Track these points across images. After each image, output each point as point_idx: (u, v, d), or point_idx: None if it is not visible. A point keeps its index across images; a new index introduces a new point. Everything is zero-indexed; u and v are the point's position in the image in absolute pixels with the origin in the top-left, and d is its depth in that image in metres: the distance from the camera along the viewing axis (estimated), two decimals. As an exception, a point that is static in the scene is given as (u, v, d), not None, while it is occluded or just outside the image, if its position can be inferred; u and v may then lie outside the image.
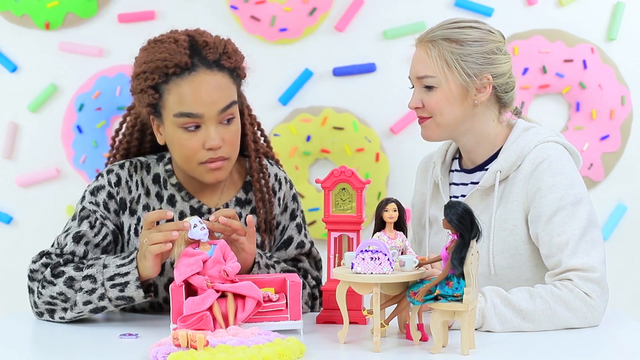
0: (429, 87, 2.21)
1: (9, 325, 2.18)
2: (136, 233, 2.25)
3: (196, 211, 2.27)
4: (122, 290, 2.07)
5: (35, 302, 2.16)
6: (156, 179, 2.29)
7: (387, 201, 1.97)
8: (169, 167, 2.29)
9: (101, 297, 2.09)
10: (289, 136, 3.04)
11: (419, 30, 3.03)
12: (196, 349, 1.80)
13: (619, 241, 3.05)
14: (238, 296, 1.99)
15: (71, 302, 2.12)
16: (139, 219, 2.25)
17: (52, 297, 2.13)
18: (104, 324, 2.17)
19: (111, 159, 2.36)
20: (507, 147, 2.23)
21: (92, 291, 2.09)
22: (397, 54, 3.06)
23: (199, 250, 2.00)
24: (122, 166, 2.28)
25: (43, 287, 2.13)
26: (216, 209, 2.26)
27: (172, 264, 2.04)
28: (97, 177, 2.28)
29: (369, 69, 3.06)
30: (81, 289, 2.10)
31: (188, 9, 3.05)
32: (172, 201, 2.27)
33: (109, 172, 2.27)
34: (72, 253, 2.18)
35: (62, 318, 2.14)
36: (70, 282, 2.11)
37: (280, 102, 3.07)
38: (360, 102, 3.07)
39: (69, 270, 2.13)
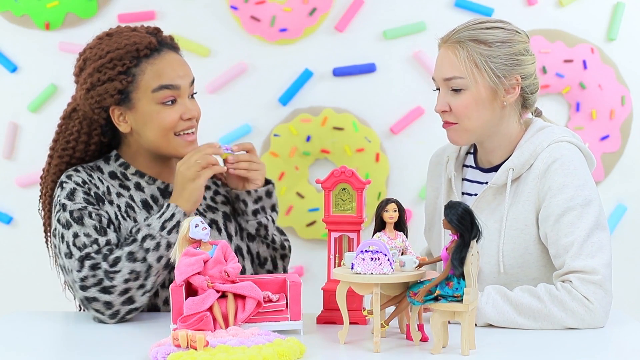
0: (456, 90, 2.20)
1: (9, 325, 2.18)
2: (123, 217, 2.28)
3: (164, 191, 2.35)
4: (178, 231, 2.14)
5: (107, 303, 2.15)
6: (113, 175, 2.34)
7: (387, 201, 1.97)
8: (121, 161, 2.35)
9: (168, 246, 2.18)
10: (289, 136, 3.04)
11: (419, 30, 3.03)
12: (196, 349, 1.80)
13: (619, 241, 3.05)
14: (238, 296, 1.99)
15: (143, 272, 2.16)
16: (118, 206, 2.29)
17: (125, 281, 2.15)
18: (104, 324, 2.17)
19: (50, 167, 2.36)
20: (520, 146, 2.22)
21: (157, 245, 2.17)
22: (397, 54, 3.06)
23: (200, 250, 2.00)
24: (76, 170, 2.30)
25: (111, 279, 2.14)
26: None
27: (172, 264, 2.05)
28: (61, 186, 2.26)
29: (369, 69, 3.06)
30: (147, 250, 2.16)
31: (188, 9, 3.05)
32: (139, 187, 2.33)
33: (69, 177, 2.28)
34: (109, 242, 2.20)
35: (145, 292, 2.18)
36: (131, 256, 2.16)
37: (280, 102, 3.07)
38: (360, 102, 3.07)
39: (122, 251, 2.16)
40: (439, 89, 2.24)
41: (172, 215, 2.20)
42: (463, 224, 1.79)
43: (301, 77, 3.06)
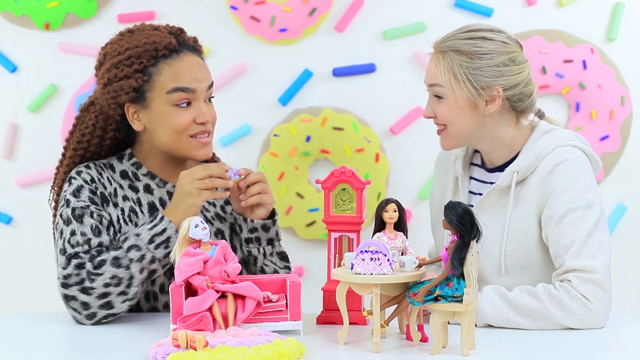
0: (438, 97, 2.22)
1: (9, 326, 2.18)
2: (125, 222, 2.27)
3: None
4: (167, 247, 2.15)
5: (84, 304, 2.14)
6: (124, 175, 2.33)
7: (387, 201, 1.97)
8: (134, 160, 2.34)
9: (152, 261, 2.16)
10: (289, 136, 3.04)
11: (419, 30, 3.03)
12: (196, 349, 1.80)
13: (619, 241, 3.05)
14: (238, 297, 1.99)
15: (125, 280, 2.14)
16: (122, 210, 2.28)
17: (105, 285, 2.14)
18: (103, 324, 2.17)
19: (64, 159, 2.35)
20: (526, 149, 2.23)
21: (142, 258, 2.15)
22: (397, 54, 3.06)
23: (200, 251, 2.00)
24: (87, 167, 2.30)
25: (91, 281, 2.14)
26: None
27: (172, 264, 2.05)
28: (69, 181, 2.27)
29: (368, 69, 3.06)
30: (131, 260, 2.14)
31: (188, 9, 3.05)
32: (148, 189, 2.32)
33: (78, 173, 2.28)
34: (100, 244, 2.19)
35: (126, 300, 2.15)
36: (116, 261, 2.15)
37: (280, 102, 3.07)
38: (360, 102, 3.07)
39: (109, 254, 2.15)
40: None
41: (164, 230, 2.17)
42: (463, 224, 1.79)
43: (301, 77, 3.06)
